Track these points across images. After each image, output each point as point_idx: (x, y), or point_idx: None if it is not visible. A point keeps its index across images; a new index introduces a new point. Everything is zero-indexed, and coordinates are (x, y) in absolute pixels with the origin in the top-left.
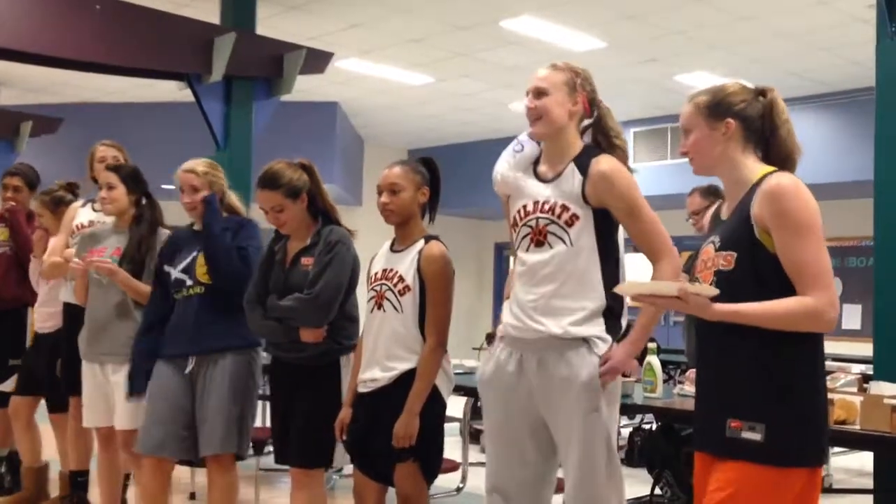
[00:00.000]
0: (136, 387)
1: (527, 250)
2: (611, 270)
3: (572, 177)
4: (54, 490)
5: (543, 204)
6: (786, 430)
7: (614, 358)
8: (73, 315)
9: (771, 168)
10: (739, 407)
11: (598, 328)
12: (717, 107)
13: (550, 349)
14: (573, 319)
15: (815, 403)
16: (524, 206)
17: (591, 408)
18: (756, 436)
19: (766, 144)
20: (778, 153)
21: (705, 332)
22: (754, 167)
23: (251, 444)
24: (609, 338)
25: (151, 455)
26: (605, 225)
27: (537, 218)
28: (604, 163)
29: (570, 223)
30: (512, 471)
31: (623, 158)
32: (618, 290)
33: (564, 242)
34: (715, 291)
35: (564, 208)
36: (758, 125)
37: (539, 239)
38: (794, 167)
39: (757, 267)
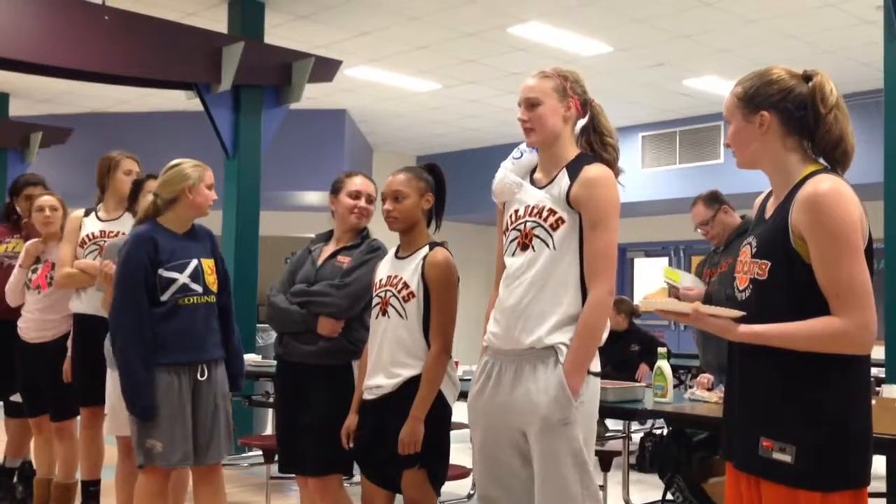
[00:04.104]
0: (151, 413)
1: (513, 254)
2: None
3: (562, 181)
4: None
5: (533, 208)
6: (817, 452)
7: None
8: (84, 325)
9: (815, 166)
10: (771, 426)
11: (566, 335)
12: (751, 98)
13: (524, 360)
14: (548, 327)
15: (852, 424)
16: (515, 211)
17: (561, 420)
18: (786, 457)
19: (812, 135)
20: (823, 144)
21: (737, 343)
22: (798, 164)
23: (262, 452)
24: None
25: (174, 468)
26: None
27: (525, 222)
28: (594, 169)
29: (555, 226)
30: (500, 482)
31: (613, 158)
32: (639, 306)
33: (549, 246)
34: (735, 314)
35: (551, 212)
36: (799, 116)
37: (525, 242)
38: (847, 159)
39: (791, 278)
